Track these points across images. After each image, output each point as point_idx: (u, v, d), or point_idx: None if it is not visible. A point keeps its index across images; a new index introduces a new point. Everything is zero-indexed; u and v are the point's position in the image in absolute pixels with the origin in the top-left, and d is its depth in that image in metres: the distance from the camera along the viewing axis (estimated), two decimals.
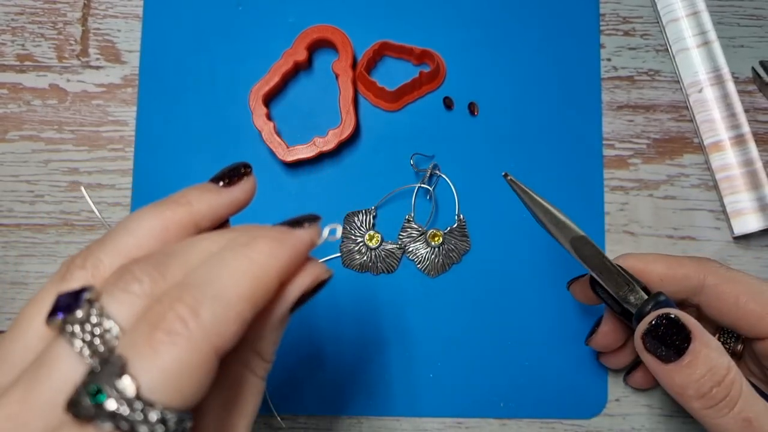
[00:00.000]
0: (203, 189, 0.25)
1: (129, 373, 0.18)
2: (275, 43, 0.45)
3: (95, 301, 0.20)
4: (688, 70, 0.45)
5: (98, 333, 0.19)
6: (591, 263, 0.31)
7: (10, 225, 0.44)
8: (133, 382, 0.18)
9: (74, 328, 0.19)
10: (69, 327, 0.19)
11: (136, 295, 0.20)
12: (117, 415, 0.17)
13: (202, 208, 0.24)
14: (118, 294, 0.20)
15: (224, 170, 0.26)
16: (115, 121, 0.45)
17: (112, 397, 0.18)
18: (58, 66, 0.46)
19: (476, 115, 0.45)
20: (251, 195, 0.26)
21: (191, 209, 0.24)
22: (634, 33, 0.47)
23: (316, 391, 0.43)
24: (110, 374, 0.18)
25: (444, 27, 0.46)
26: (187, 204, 0.24)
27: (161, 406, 0.18)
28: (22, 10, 0.47)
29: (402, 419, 0.43)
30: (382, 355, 0.43)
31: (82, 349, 0.19)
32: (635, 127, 0.46)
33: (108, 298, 0.20)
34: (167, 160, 0.44)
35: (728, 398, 0.28)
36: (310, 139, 0.43)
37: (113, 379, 0.18)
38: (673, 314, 0.30)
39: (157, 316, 0.19)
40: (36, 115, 0.45)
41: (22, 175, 0.45)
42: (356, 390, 0.43)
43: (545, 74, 0.46)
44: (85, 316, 0.19)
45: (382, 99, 0.45)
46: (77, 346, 0.19)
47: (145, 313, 0.19)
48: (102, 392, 0.18)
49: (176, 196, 0.24)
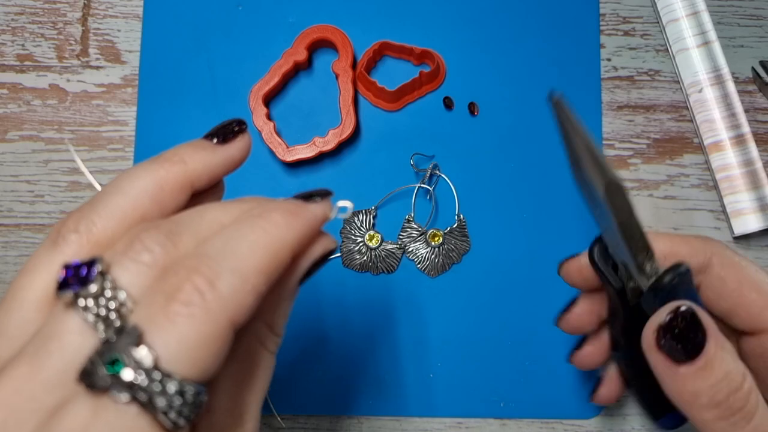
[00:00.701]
0: (197, 146, 0.24)
1: (146, 343, 0.17)
2: (275, 43, 0.45)
3: (106, 272, 0.19)
4: (688, 70, 0.45)
5: (113, 307, 0.18)
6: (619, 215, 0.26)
7: (10, 225, 0.44)
8: (151, 352, 0.17)
9: (87, 301, 0.18)
10: (82, 301, 0.18)
11: (147, 265, 0.19)
12: (134, 385, 0.17)
13: (197, 167, 0.23)
14: (128, 264, 0.19)
15: (218, 127, 0.25)
16: (115, 121, 0.45)
17: (130, 367, 0.17)
18: (58, 66, 0.46)
19: (476, 115, 0.45)
20: (246, 153, 0.25)
21: (186, 168, 0.23)
22: (634, 33, 0.47)
23: (316, 391, 0.43)
24: (126, 344, 0.17)
25: (444, 27, 0.46)
26: (180, 162, 0.23)
27: (179, 377, 0.17)
28: (22, 10, 0.47)
29: (402, 419, 0.43)
30: (382, 355, 0.43)
31: (96, 323, 0.18)
32: (635, 127, 0.46)
33: (119, 269, 0.19)
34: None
35: (745, 409, 0.25)
36: (310, 139, 0.43)
37: (130, 349, 0.17)
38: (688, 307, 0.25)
39: (173, 287, 0.18)
40: (36, 115, 0.45)
41: (22, 175, 0.45)
42: (356, 390, 0.43)
43: (545, 74, 0.46)
44: (99, 289, 0.19)
45: (382, 99, 0.45)
46: (90, 319, 0.18)
47: (159, 284, 0.19)
48: (119, 361, 0.17)
49: (168, 153, 0.23)
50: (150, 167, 0.22)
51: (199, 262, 0.19)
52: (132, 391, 0.17)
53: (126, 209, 0.21)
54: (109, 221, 0.21)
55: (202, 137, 0.25)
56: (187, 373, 0.18)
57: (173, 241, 0.20)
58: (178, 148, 0.23)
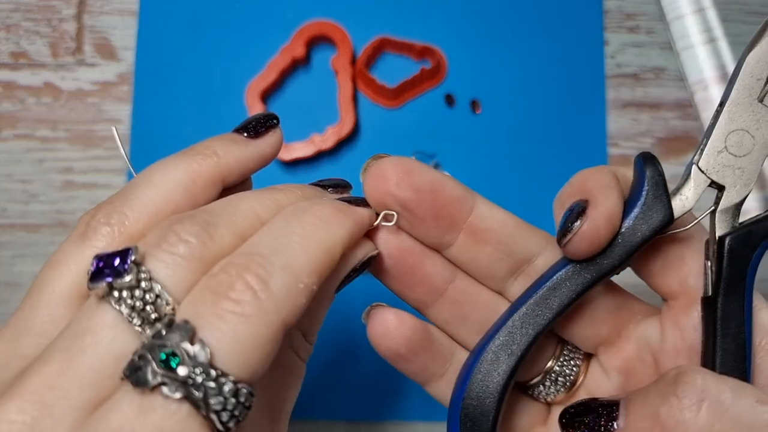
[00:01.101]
0: (230, 140, 0.23)
1: (199, 339, 0.16)
2: (273, 39, 0.44)
3: (141, 263, 0.18)
4: (694, 67, 0.45)
5: (150, 299, 0.17)
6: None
7: (4, 225, 0.44)
8: (206, 349, 0.16)
9: (122, 293, 0.17)
10: (116, 293, 0.17)
11: (183, 257, 0.18)
12: (189, 382, 0.16)
13: (230, 162, 0.22)
14: (163, 256, 0.18)
15: (249, 120, 0.24)
16: (110, 119, 0.45)
17: (185, 363, 0.16)
18: (53, 64, 0.45)
19: (478, 112, 0.45)
20: (278, 149, 0.24)
21: (219, 162, 0.22)
22: (638, 30, 0.46)
23: (314, 396, 0.42)
24: (180, 339, 0.16)
25: (446, 23, 0.45)
26: (214, 155, 0.22)
27: (233, 377, 0.17)
28: (17, 7, 0.46)
29: (402, 424, 0.42)
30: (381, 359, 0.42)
31: (132, 317, 0.17)
32: (640, 126, 0.45)
33: (154, 261, 0.18)
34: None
35: None
36: (308, 136, 0.43)
37: (184, 344, 0.16)
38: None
39: (223, 285, 0.17)
40: (30, 114, 0.45)
41: (16, 174, 0.44)
42: (355, 395, 0.42)
43: (548, 71, 0.45)
44: (134, 280, 0.17)
45: (381, 96, 0.44)
46: (125, 312, 0.17)
47: (207, 280, 0.18)
48: (176, 356, 0.16)
49: (201, 146, 0.22)
50: (183, 160, 0.22)
51: (249, 260, 0.18)
52: (186, 389, 0.16)
53: (158, 202, 0.20)
54: (142, 214, 0.20)
55: (233, 130, 0.24)
56: (238, 373, 0.17)
57: (209, 233, 0.19)
58: (210, 141, 0.23)
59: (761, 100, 0.23)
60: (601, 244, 0.22)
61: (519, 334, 0.24)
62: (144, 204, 0.20)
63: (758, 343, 0.23)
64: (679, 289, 0.24)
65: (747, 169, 0.23)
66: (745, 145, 0.23)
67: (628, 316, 0.25)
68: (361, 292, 0.43)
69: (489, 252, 0.24)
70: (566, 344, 0.26)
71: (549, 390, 0.26)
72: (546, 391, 0.26)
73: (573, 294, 0.23)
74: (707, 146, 0.23)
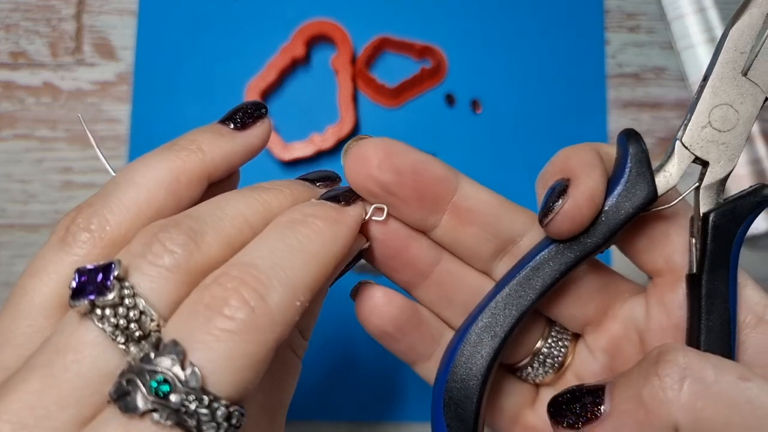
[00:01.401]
0: (214, 132, 0.22)
1: (190, 362, 0.16)
2: (272, 39, 0.44)
3: (124, 278, 0.17)
4: (695, 67, 0.44)
5: (134, 317, 0.17)
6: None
7: (4, 225, 0.44)
8: (197, 372, 0.16)
9: (105, 311, 0.17)
10: (99, 311, 0.17)
11: (168, 269, 0.17)
12: (182, 410, 0.15)
13: (216, 157, 0.21)
14: (148, 269, 0.17)
15: (236, 110, 0.23)
16: (109, 119, 0.45)
17: (177, 391, 0.15)
18: (52, 63, 0.45)
19: (479, 112, 0.44)
20: (266, 140, 0.23)
21: (204, 157, 0.21)
22: (639, 30, 0.46)
23: (315, 397, 0.42)
24: (170, 365, 0.16)
25: (446, 22, 0.45)
26: (198, 151, 0.21)
27: (226, 401, 0.16)
28: (16, 7, 0.46)
29: (403, 425, 0.42)
30: (382, 359, 0.42)
31: (116, 335, 0.17)
32: (641, 125, 0.45)
33: (138, 275, 0.17)
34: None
35: None
36: (307, 136, 0.43)
37: (175, 368, 0.16)
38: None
39: (216, 299, 0.17)
40: (29, 114, 0.45)
41: (15, 174, 0.44)
42: (356, 395, 0.42)
43: (549, 71, 0.45)
44: (118, 297, 0.17)
45: (381, 95, 0.44)
46: (108, 330, 0.17)
47: (200, 294, 0.17)
48: (168, 382, 0.15)
49: (184, 141, 0.21)
50: (166, 156, 0.20)
51: (245, 273, 0.17)
52: (178, 416, 0.15)
53: (140, 203, 0.19)
54: (124, 216, 0.19)
55: (218, 122, 0.23)
56: (231, 395, 0.16)
57: (196, 242, 0.18)
58: (194, 135, 0.21)
59: (745, 73, 0.22)
60: (584, 224, 0.22)
61: (502, 315, 0.23)
62: (125, 206, 0.19)
63: (743, 320, 0.22)
64: (664, 266, 0.23)
65: (731, 144, 0.23)
66: (729, 120, 0.23)
67: (614, 294, 0.25)
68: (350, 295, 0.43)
69: (474, 233, 0.24)
70: (554, 325, 0.26)
71: (537, 371, 0.26)
72: (534, 373, 0.26)
73: (556, 274, 0.23)
74: (691, 121, 0.23)
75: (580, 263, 0.23)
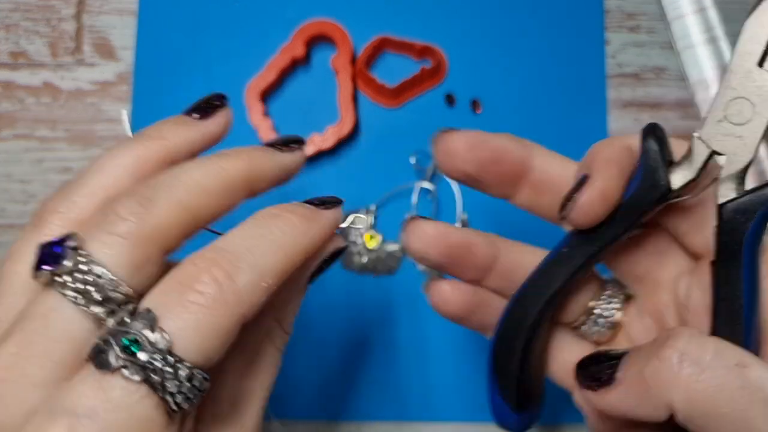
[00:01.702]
0: (177, 122, 0.24)
1: (160, 327, 0.18)
2: (272, 38, 0.44)
3: (80, 248, 0.19)
4: (695, 67, 0.44)
5: (91, 281, 0.19)
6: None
7: (3, 225, 0.44)
8: (165, 336, 0.18)
9: (64, 278, 0.19)
10: (58, 278, 0.19)
11: (121, 236, 0.19)
12: (149, 367, 0.17)
13: (178, 143, 0.23)
14: (103, 237, 0.19)
15: (199, 102, 0.25)
16: (109, 119, 0.45)
17: (145, 350, 0.17)
18: (52, 63, 0.45)
19: (479, 112, 0.44)
20: (226, 129, 0.25)
21: (166, 144, 0.23)
22: (639, 29, 0.46)
23: (315, 396, 0.42)
24: (142, 327, 0.18)
25: (446, 22, 0.45)
26: (161, 138, 0.23)
27: (190, 363, 0.18)
28: (16, 7, 0.46)
29: (403, 424, 0.42)
30: (382, 358, 0.42)
31: (77, 299, 0.19)
32: (641, 126, 0.44)
33: (93, 242, 0.19)
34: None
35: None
36: (308, 136, 0.43)
37: (145, 331, 0.18)
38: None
39: (189, 276, 0.19)
40: (29, 114, 0.45)
41: (15, 174, 0.44)
42: (356, 395, 0.42)
43: (549, 71, 0.45)
44: (73, 265, 0.19)
45: (382, 95, 0.44)
46: (71, 296, 0.19)
47: (175, 272, 0.19)
48: (138, 342, 0.18)
49: (149, 130, 0.24)
50: (130, 145, 0.23)
51: (219, 255, 0.20)
52: (145, 372, 0.17)
53: (107, 187, 0.22)
54: (91, 199, 0.21)
55: (183, 112, 0.25)
56: (195, 360, 0.18)
57: (146, 207, 0.20)
58: (159, 124, 0.24)
59: (761, 64, 0.22)
60: (598, 217, 0.24)
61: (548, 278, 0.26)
62: (92, 189, 0.22)
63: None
64: (705, 250, 0.24)
65: (747, 137, 0.23)
66: (744, 114, 0.23)
67: (670, 264, 0.26)
68: (361, 296, 0.43)
69: (550, 199, 0.26)
70: (607, 287, 0.28)
71: (592, 329, 0.28)
72: (590, 330, 0.28)
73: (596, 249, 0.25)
74: (708, 116, 0.23)
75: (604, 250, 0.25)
